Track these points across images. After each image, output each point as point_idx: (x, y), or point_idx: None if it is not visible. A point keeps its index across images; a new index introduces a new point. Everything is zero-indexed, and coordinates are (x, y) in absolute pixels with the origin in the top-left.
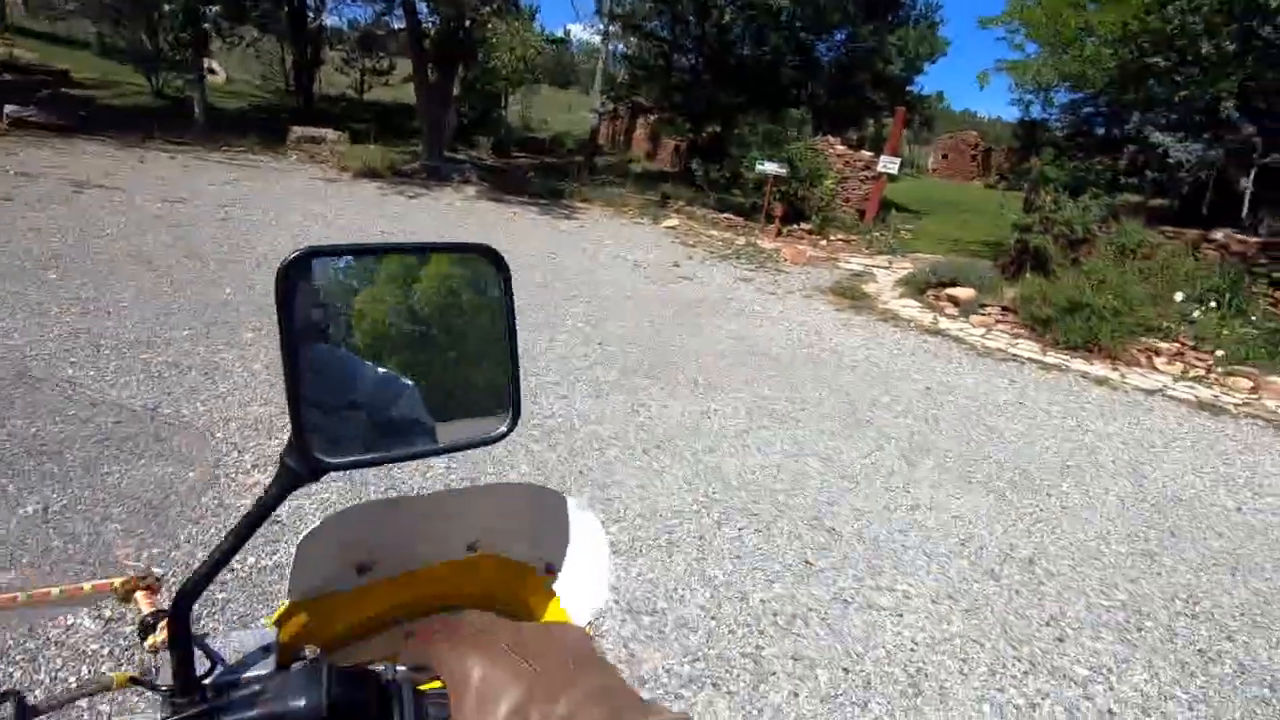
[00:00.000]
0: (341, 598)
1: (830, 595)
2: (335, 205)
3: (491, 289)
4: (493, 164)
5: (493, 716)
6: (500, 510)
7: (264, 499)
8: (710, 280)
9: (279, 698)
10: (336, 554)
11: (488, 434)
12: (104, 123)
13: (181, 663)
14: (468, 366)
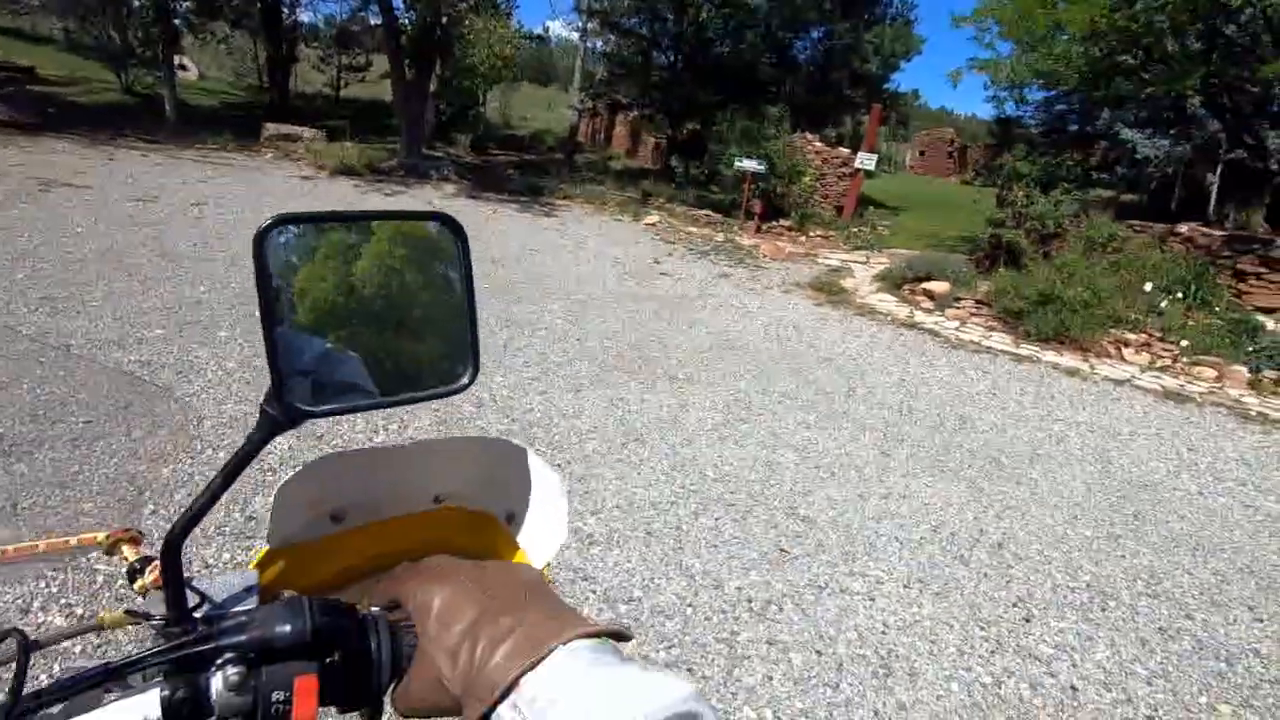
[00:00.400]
0: (316, 545)
1: (805, 581)
2: (311, 204)
3: (447, 255)
4: (472, 161)
5: (450, 634)
6: (465, 462)
7: (247, 445)
8: (690, 276)
9: (266, 625)
10: (312, 502)
11: (451, 385)
12: (72, 120)
13: (174, 598)
14: (429, 329)
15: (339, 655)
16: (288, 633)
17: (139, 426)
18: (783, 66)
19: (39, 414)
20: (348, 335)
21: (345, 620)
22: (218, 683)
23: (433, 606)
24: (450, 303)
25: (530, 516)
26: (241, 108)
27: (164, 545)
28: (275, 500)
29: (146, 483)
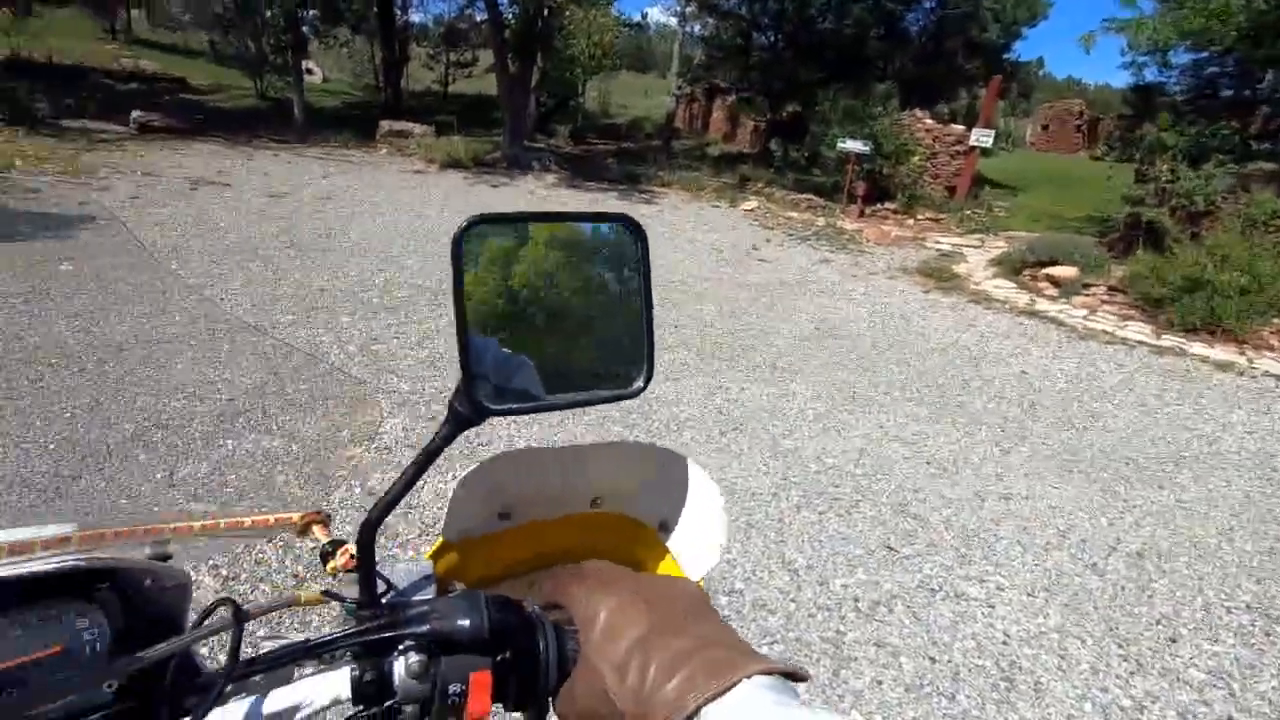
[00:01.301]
0: (484, 540)
1: (915, 583)
2: (423, 196)
3: (617, 256)
4: (571, 151)
5: (617, 647)
6: (623, 468)
7: (436, 439)
8: (789, 262)
9: (447, 617)
10: (484, 499)
11: (626, 389)
12: (216, 124)
13: (364, 583)
14: (598, 332)
15: (510, 653)
16: (466, 627)
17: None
18: (891, 40)
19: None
20: (514, 338)
21: (516, 619)
22: (400, 668)
23: (598, 616)
24: (621, 305)
25: (685, 527)
26: (360, 107)
27: (359, 532)
28: (453, 495)
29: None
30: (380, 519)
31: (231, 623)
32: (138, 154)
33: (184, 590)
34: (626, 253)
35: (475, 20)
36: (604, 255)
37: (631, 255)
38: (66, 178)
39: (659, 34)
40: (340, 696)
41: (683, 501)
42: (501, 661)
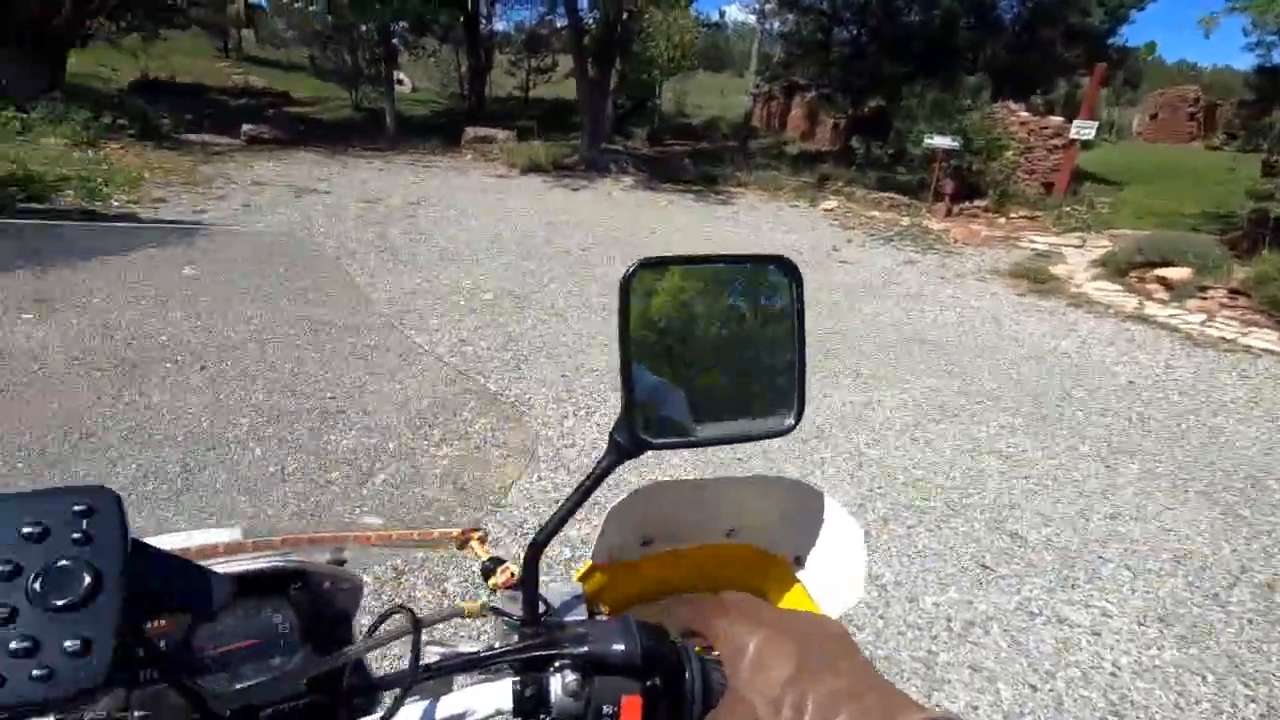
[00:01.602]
0: (627, 565)
1: (1013, 605)
2: (504, 200)
3: (777, 293)
4: (648, 153)
5: (769, 681)
6: (759, 501)
7: (597, 469)
8: (871, 264)
9: (602, 640)
10: (630, 526)
11: (776, 427)
12: (316, 135)
13: (528, 602)
14: (748, 368)
15: (659, 680)
16: (620, 651)
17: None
18: (982, 29)
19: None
20: (663, 371)
21: (665, 647)
22: (556, 685)
23: (746, 649)
24: (770, 342)
25: (821, 563)
26: (446, 114)
27: (527, 552)
28: (605, 521)
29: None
30: (545, 543)
31: (410, 630)
32: (248, 164)
33: (357, 593)
34: (778, 290)
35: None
36: (753, 293)
37: (785, 294)
38: (187, 187)
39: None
40: (502, 707)
41: (819, 537)
42: (651, 687)
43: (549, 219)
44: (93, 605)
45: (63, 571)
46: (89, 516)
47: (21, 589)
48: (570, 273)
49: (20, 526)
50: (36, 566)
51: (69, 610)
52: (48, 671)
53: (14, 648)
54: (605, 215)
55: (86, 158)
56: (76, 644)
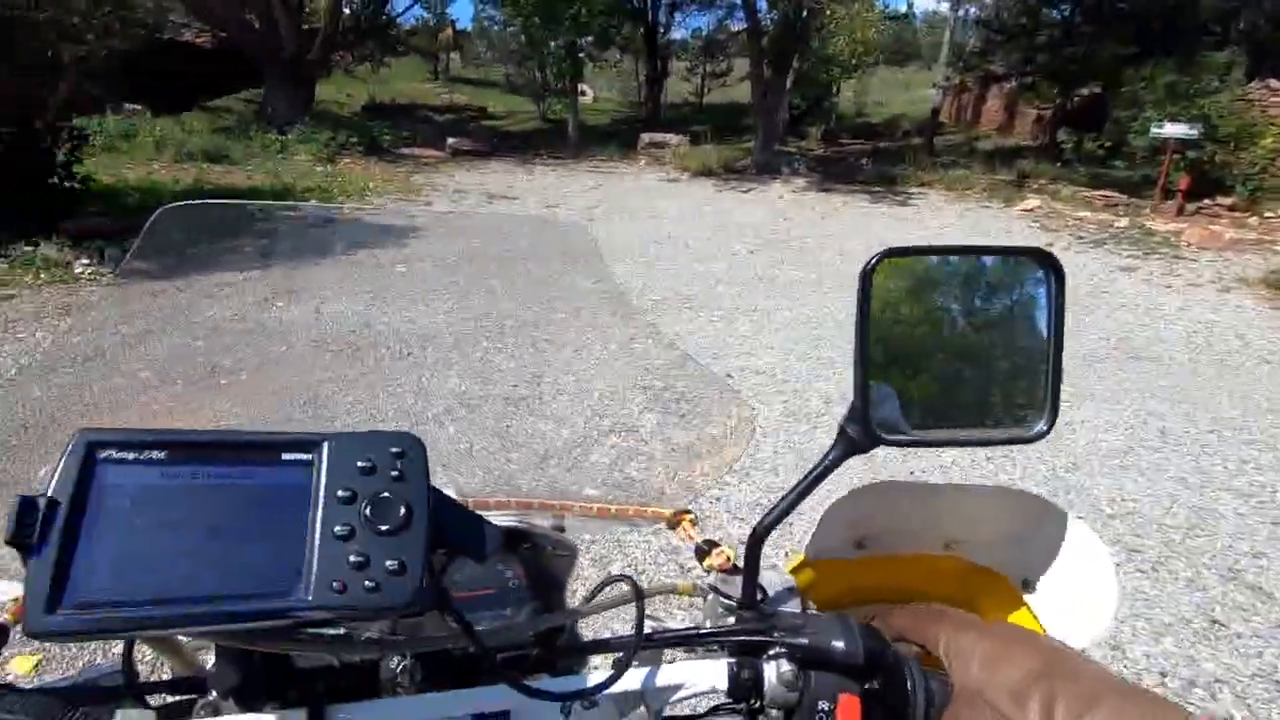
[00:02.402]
0: (839, 565)
1: (1250, 670)
2: (674, 203)
3: (1030, 290)
4: (822, 154)
5: (1009, 676)
6: (984, 514)
7: (826, 461)
8: (1078, 270)
9: (822, 635)
10: (847, 526)
11: (1024, 433)
12: (507, 146)
13: (747, 586)
14: (992, 368)
15: (879, 684)
16: (841, 649)
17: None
18: None
19: None
20: (904, 365)
21: (887, 652)
22: (771, 673)
23: (974, 652)
24: (1019, 340)
25: (1056, 590)
26: (624, 122)
27: (749, 538)
28: (822, 517)
29: None
30: (769, 529)
31: (634, 597)
32: (451, 174)
33: (573, 559)
34: (1030, 285)
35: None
36: (1002, 286)
37: (1040, 289)
38: (401, 195)
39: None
40: (717, 686)
41: (1056, 560)
42: (870, 690)
43: (718, 221)
44: (406, 533)
45: (385, 502)
46: (403, 458)
47: (357, 513)
48: (737, 275)
49: (357, 461)
50: (368, 495)
51: (391, 535)
52: (375, 584)
53: (353, 560)
54: (775, 217)
55: (326, 171)
56: (395, 564)
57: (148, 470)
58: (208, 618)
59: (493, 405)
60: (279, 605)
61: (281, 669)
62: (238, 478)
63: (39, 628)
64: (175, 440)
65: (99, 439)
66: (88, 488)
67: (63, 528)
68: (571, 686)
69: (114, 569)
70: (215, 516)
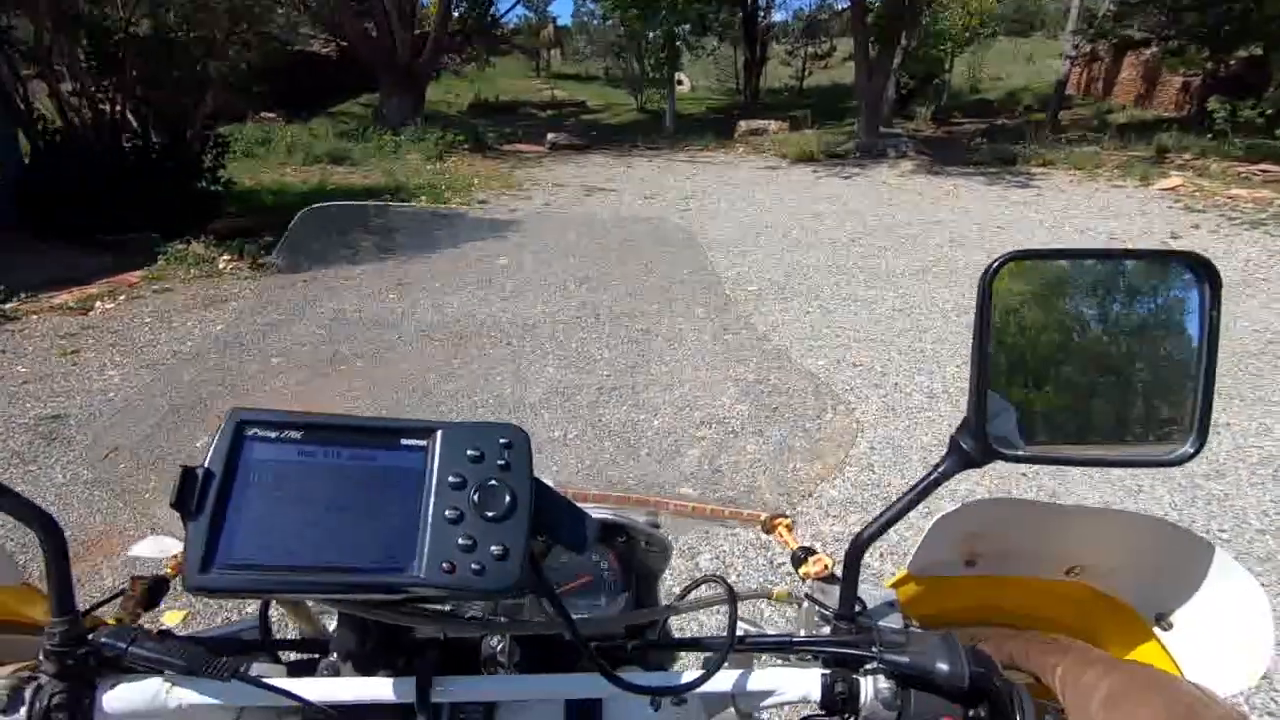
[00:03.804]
0: (945, 582)
1: None
2: (773, 191)
3: (1177, 298)
4: (932, 134)
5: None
6: (1114, 540)
7: (936, 473)
8: (1229, 255)
9: (924, 655)
10: (956, 541)
11: (1168, 454)
12: (605, 138)
13: (845, 596)
14: (1137, 382)
15: (985, 711)
16: (945, 671)
17: None
18: None
19: None
20: (1028, 376)
21: (994, 678)
22: (868, 688)
23: (1095, 690)
24: (1161, 352)
25: (1196, 630)
26: (721, 110)
27: (851, 546)
28: (929, 531)
29: None
30: (872, 540)
31: (727, 599)
32: (550, 168)
33: (666, 555)
34: (1176, 292)
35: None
36: (1145, 294)
37: (1190, 293)
38: (503, 190)
39: None
40: (809, 696)
41: (1197, 596)
42: (974, 717)
43: (817, 209)
44: (511, 520)
45: (492, 489)
46: (510, 449)
47: (466, 498)
48: (836, 265)
49: (467, 449)
50: (476, 482)
51: (496, 521)
52: (480, 567)
53: (461, 543)
54: (878, 203)
55: (435, 169)
56: (500, 549)
57: (287, 448)
58: (333, 586)
59: (586, 394)
60: (394, 580)
61: (394, 639)
62: (363, 459)
63: (197, 584)
64: (311, 423)
65: (248, 418)
66: (237, 461)
67: (216, 496)
68: (662, 682)
69: (257, 535)
70: (342, 493)
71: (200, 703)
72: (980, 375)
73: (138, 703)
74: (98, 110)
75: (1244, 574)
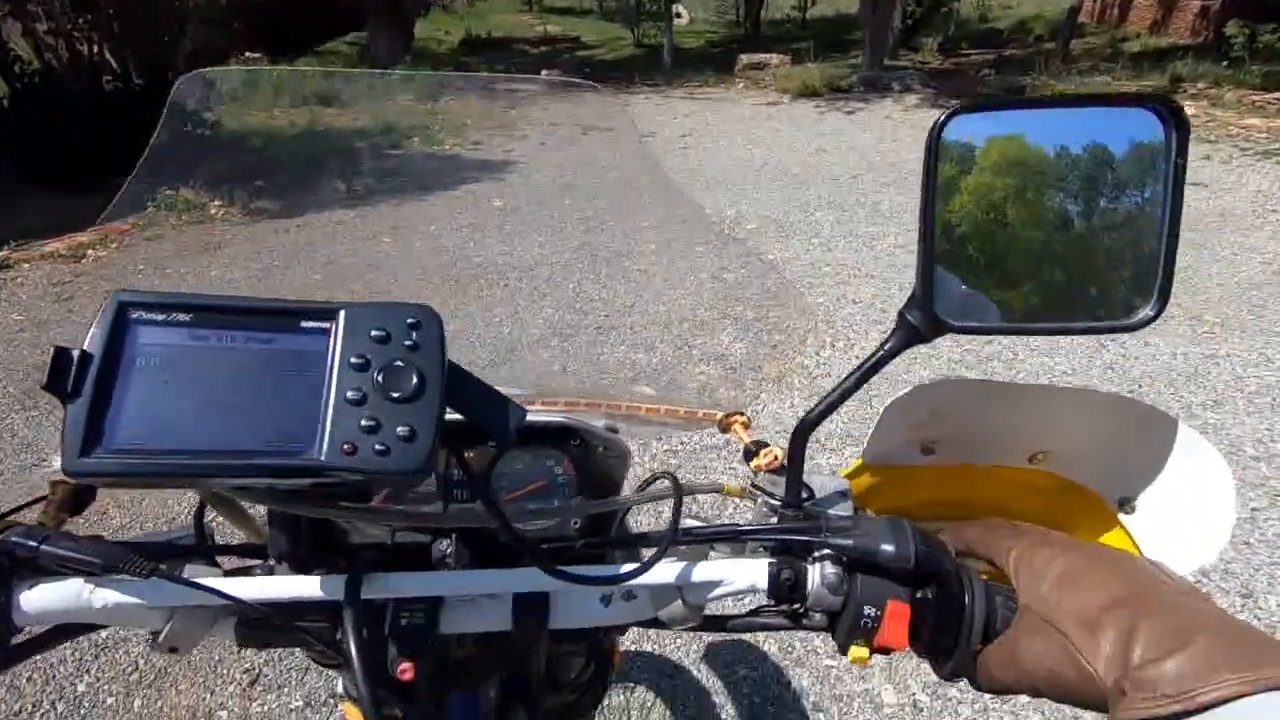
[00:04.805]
0: (902, 471)
1: None
2: (774, 128)
3: (1141, 151)
4: (939, 67)
5: (1083, 603)
6: (1078, 421)
7: (882, 351)
8: (1240, 186)
9: (871, 537)
10: (911, 427)
11: (1124, 318)
12: (600, 75)
13: (791, 484)
14: (1096, 243)
15: (932, 593)
16: (891, 553)
17: None
18: None
19: None
20: (980, 242)
21: (944, 560)
22: (815, 574)
23: (1047, 570)
24: (1125, 210)
25: (1162, 509)
26: (720, 44)
27: (794, 432)
28: (882, 416)
29: None
30: (816, 424)
31: (672, 493)
32: (545, 107)
33: (625, 460)
34: (1142, 144)
35: None
36: (1106, 147)
37: (1157, 150)
38: (497, 131)
39: None
40: (757, 585)
41: (1161, 475)
42: (922, 599)
43: (819, 145)
44: (419, 401)
45: (398, 370)
46: (418, 329)
47: (370, 379)
48: (838, 201)
49: (370, 330)
50: (381, 363)
51: (402, 402)
52: (385, 448)
53: (364, 424)
54: (882, 139)
55: (427, 109)
56: (406, 430)
57: (176, 331)
58: (228, 470)
59: (585, 334)
60: (293, 463)
61: (333, 542)
62: (260, 342)
63: (75, 468)
64: (201, 304)
65: (130, 299)
66: (120, 345)
67: (96, 379)
68: (602, 573)
69: (145, 421)
70: (238, 377)
71: (126, 602)
72: (927, 244)
73: (58, 603)
74: (75, 51)
75: (1208, 448)
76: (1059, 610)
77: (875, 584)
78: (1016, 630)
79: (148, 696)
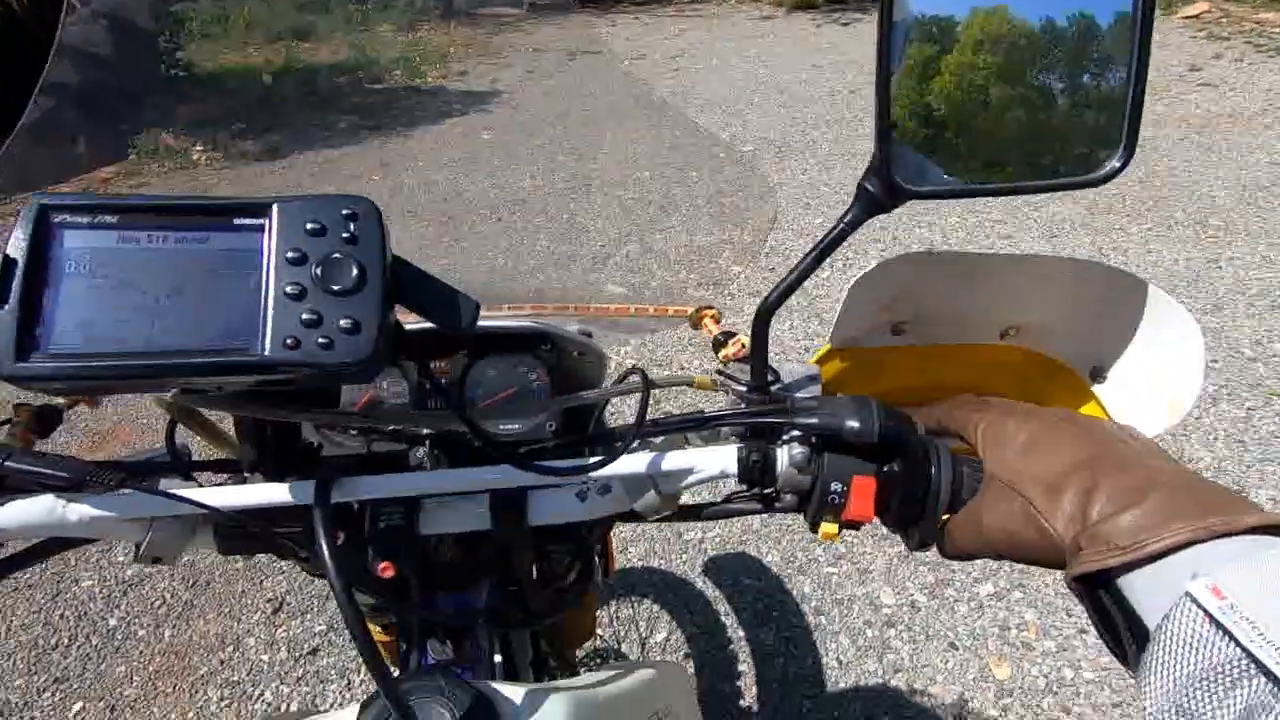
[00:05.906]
0: (872, 354)
1: None
2: (768, 44)
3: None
4: None
5: (1046, 465)
6: (1048, 292)
7: (841, 224)
8: (1251, 84)
9: (835, 415)
10: (878, 307)
11: (1090, 173)
12: None
13: (757, 367)
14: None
15: (898, 466)
16: (855, 428)
17: None
18: None
19: None
20: (941, 99)
21: (909, 434)
22: (783, 456)
23: (1014, 439)
24: (1090, 60)
25: (1133, 375)
26: None
27: (756, 315)
28: (847, 296)
29: None
30: (777, 304)
31: (641, 386)
32: (529, 32)
33: (601, 363)
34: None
35: None
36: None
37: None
38: (481, 59)
39: None
40: (727, 470)
41: (1134, 340)
42: (888, 472)
43: (815, 60)
44: (361, 294)
45: (336, 263)
46: (355, 220)
47: (308, 273)
48: (836, 118)
49: (305, 223)
50: (318, 256)
51: (343, 295)
52: (328, 341)
53: (304, 318)
54: None
55: (407, 40)
56: (349, 322)
57: (104, 234)
58: (170, 369)
59: (581, 264)
60: (236, 360)
61: (306, 451)
62: (192, 241)
63: (10, 373)
64: (128, 205)
65: (52, 203)
66: (47, 249)
67: (23, 284)
68: (570, 465)
69: (79, 325)
70: (172, 278)
71: (100, 515)
72: (884, 107)
73: (31, 518)
74: None
75: (1179, 310)
76: (1023, 476)
77: (841, 460)
78: (982, 498)
79: (177, 627)
